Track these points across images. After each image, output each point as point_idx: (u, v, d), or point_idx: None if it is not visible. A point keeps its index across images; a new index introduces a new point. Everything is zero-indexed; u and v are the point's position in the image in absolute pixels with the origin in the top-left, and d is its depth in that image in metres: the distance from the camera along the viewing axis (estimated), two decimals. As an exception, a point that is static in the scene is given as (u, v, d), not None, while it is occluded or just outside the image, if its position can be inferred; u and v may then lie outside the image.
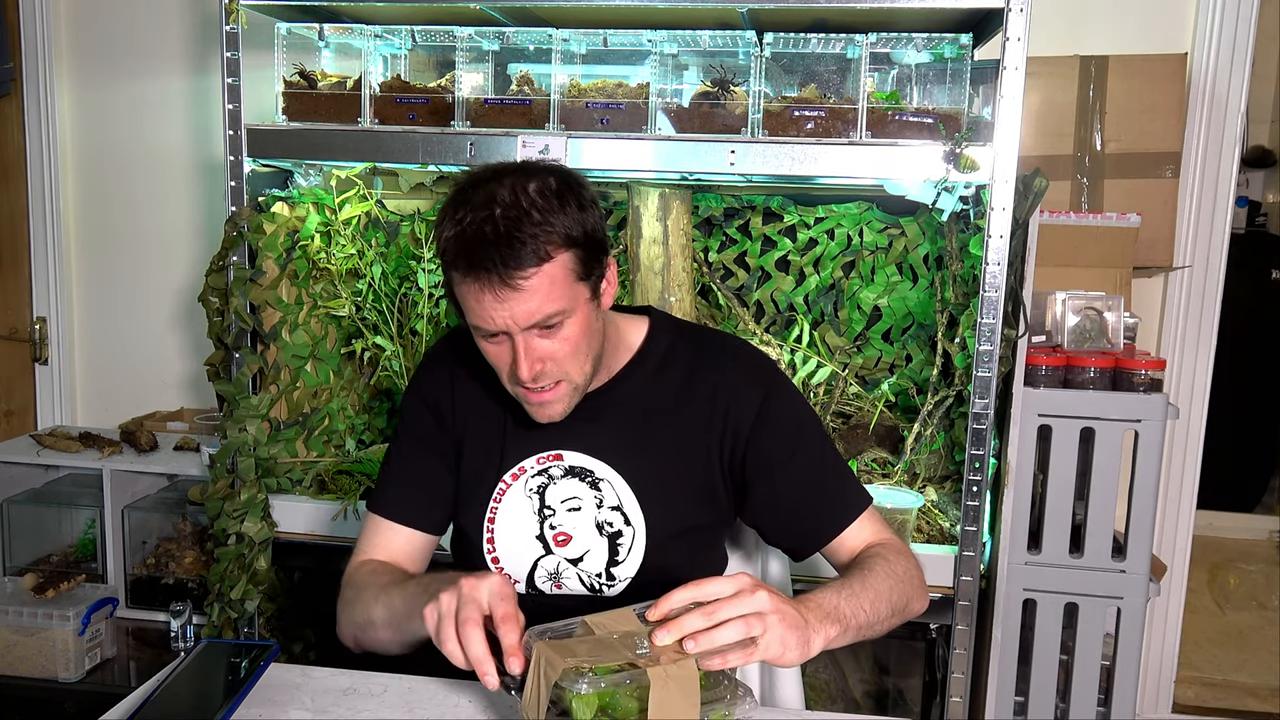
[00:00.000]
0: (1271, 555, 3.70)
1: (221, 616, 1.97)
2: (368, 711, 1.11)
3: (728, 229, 2.26)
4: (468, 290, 1.12)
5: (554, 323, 1.14)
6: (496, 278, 1.09)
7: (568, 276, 1.13)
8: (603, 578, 1.26)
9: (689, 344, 1.31)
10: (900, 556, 1.21)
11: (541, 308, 1.12)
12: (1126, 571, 1.84)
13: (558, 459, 1.27)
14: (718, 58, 1.83)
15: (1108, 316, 1.91)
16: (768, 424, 1.25)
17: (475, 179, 1.14)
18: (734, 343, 1.35)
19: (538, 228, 1.10)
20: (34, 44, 2.60)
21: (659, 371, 1.29)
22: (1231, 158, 2.26)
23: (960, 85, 1.76)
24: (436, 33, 1.92)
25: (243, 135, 1.89)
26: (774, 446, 1.25)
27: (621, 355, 1.29)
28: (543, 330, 1.14)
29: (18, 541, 2.41)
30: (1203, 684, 2.73)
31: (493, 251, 1.09)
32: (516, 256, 1.09)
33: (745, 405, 1.26)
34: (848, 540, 1.25)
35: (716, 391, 1.27)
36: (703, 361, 1.29)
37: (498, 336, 1.15)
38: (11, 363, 2.73)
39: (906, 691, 2.32)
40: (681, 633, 0.92)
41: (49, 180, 2.65)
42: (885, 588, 1.15)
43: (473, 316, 1.14)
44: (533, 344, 1.14)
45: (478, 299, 1.12)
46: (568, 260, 1.13)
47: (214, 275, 1.93)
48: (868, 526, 1.26)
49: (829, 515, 1.26)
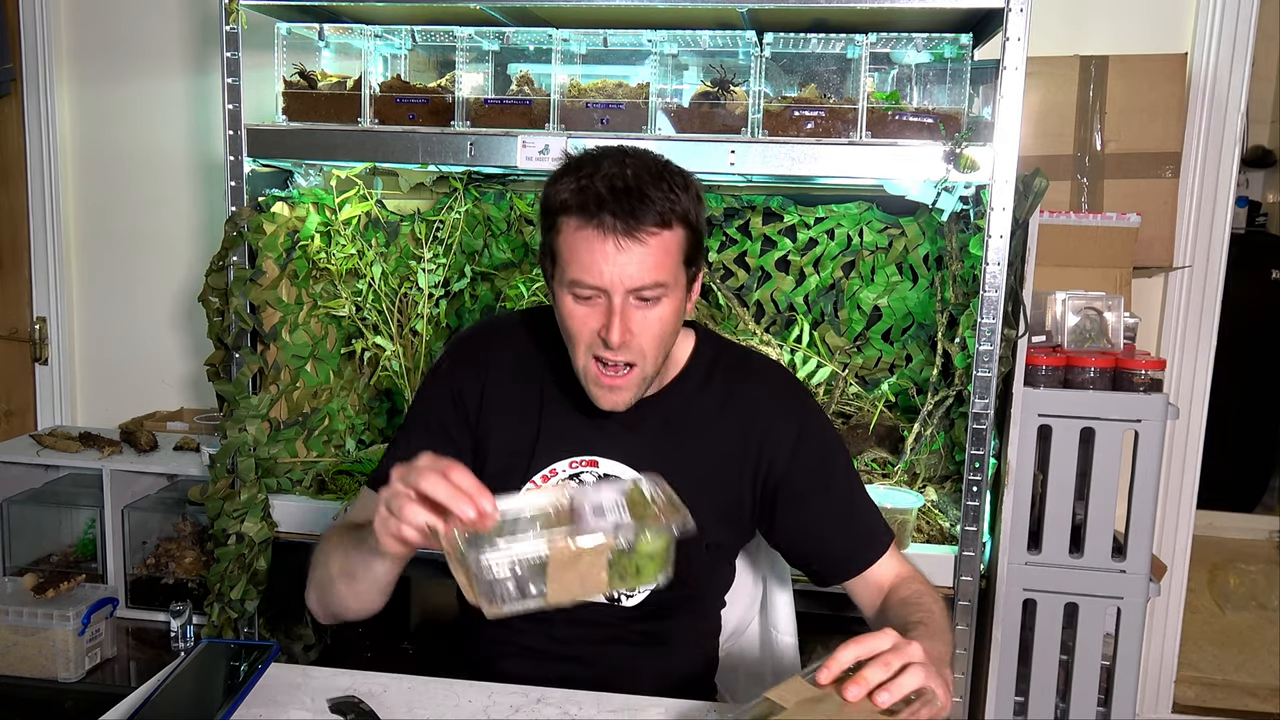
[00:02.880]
0: (1271, 555, 3.70)
1: (221, 616, 1.97)
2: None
3: (728, 229, 2.26)
4: (582, 239, 1.11)
5: (653, 295, 1.13)
6: (621, 226, 1.09)
7: (679, 253, 1.15)
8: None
9: (729, 362, 1.31)
10: (935, 601, 1.21)
11: (651, 273, 1.12)
12: (1126, 571, 1.84)
13: (592, 464, 1.26)
14: (718, 58, 1.83)
15: (1108, 316, 1.91)
16: (802, 454, 1.26)
17: (600, 149, 1.17)
18: (770, 365, 1.36)
19: (666, 195, 1.12)
20: (34, 44, 2.60)
21: (700, 388, 1.28)
22: (1231, 158, 2.26)
23: (960, 85, 1.76)
24: (436, 33, 1.92)
25: (243, 135, 1.89)
26: (807, 477, 1.26)
27: (672, 369, 1.28)
28: (640, 300, 1.13)
29: (18, 541, 2.41)
30: (1203, 684, 2.73)
31: (622, 201, 1.10)
32: (645, 211, 1.10)
33: (781, 432, 1.26)
34: (875, 574, 1.26)
35: (753, 414, 1.27)
36: (741, 382, 1.29)
37: (593, 297, 1.13)
38: (11, 363, 2.73)
39: (906, 691, 2.32)
40: (869, 686, 0.91)
41: (49, 180, 2.65)
42: (944, 626, 1.16)
43: (578, 268, 1.12)
44: (630, 309, 1.13)
45: (591, 248, 1.11)
46: (683, 237, 1.15)
47: (214, 275, 1.93)
48: (893, 560, 1.27)
49: (859, 547, 1.27)
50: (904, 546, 1.82)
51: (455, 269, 2.22)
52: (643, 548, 0.95)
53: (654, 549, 0.96)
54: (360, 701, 1.11)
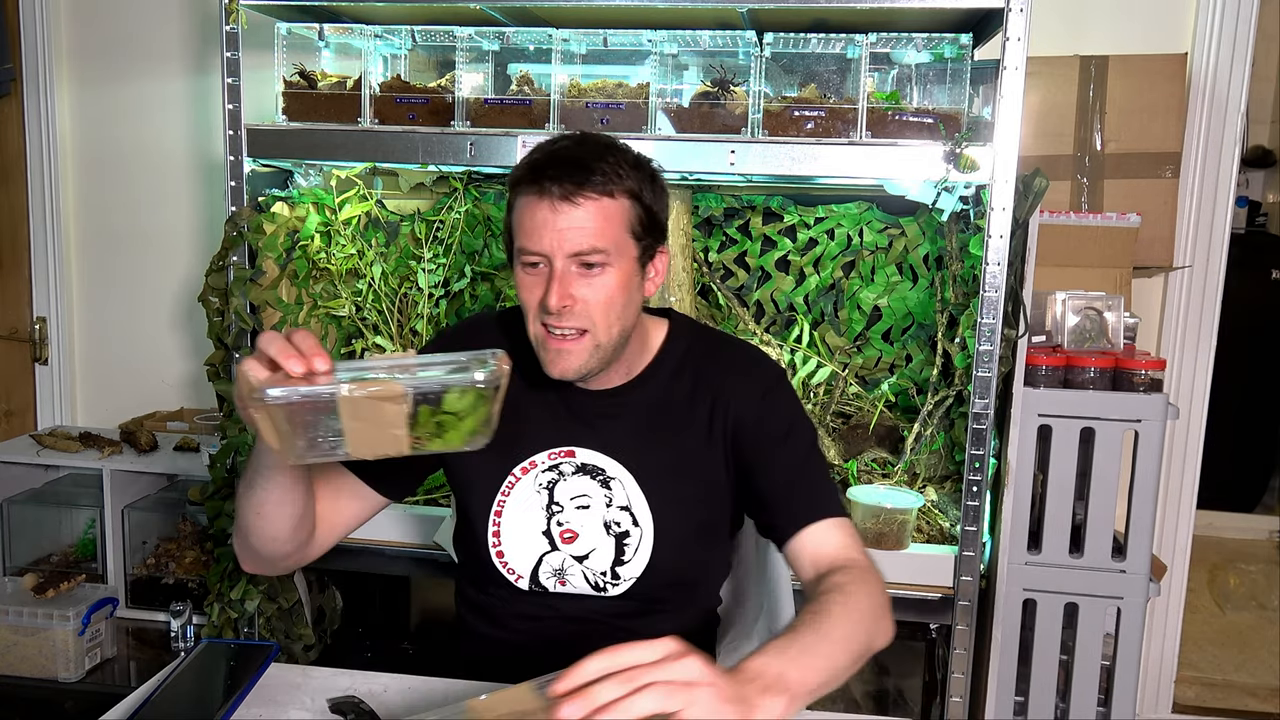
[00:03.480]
0: (1271, 555, 3.69)
1: (221, 616, 1.97)
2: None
3: (728, 229, 2.26)
4: (525, 205, 1.15)
5: (595, 261, 1.15)
6: (558, 190, 1.12)
7: (623, 222, 1.16)
8: (607, 576, 1.26)
9: (703, 347, 1.32)
10: (862, 585, 1.08)
11: (590, 239, 1.13)
12: (1126, 571, 1.84)
13: (570, 455, 1.27)
14: (718, 58, 1.83)
15: (1108, 316, 1.91)
16: (765, 414, 1.26)
17: (564, 134, 1.21)
18: (745, 346, 1.36)
19: (611, 166, 1.15)
20: (34, 44, 2.60)
21: (675, 374, 1.29)
22: (1231, 158, 2.26)
23: (960, 85, 1.76)
24: (436, 33, 1.92)
25: (243, 135, 1.89)
26: (768, 432, 1.25)
27: (644, 357, 1.29)
28: (582, 268, 1.15)
29: (18, 541, 2.41)
30: (1203, 684, 2.73)
31: (563, 166, 1.13)
32: (584, 175, 1.13)
33: (747, 397, 1.26)
34: (814, 539, 1.19)
35: (720, 386, 1.27)
36: (712, 363, 1.30)
37: (538, 265, 1.16)
38: (11, 363, 2.73)
39: (906, 691, 2.32)
40: (593, 705, 0.74)
41: (49, 180, 2.65)
42: (840, 635, 1.00)
43: (521, 235, 1.16)
44: (569, 275, 1.15)
45: (532, 212, 1.14)
46: (628, 207, 1.17)
47: (214, 275, 1.93)
48: (837, 534, 1.19)
49: (807, 502, 1.21)
50: (904, 546, 1.82)
51: (455, 269, 2.22)
52: (450, 404, 0.89)
53: (460, 407, 0.90)
54: (360, 701, 1.11)
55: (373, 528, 1.94)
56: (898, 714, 2.25)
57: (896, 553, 1.81)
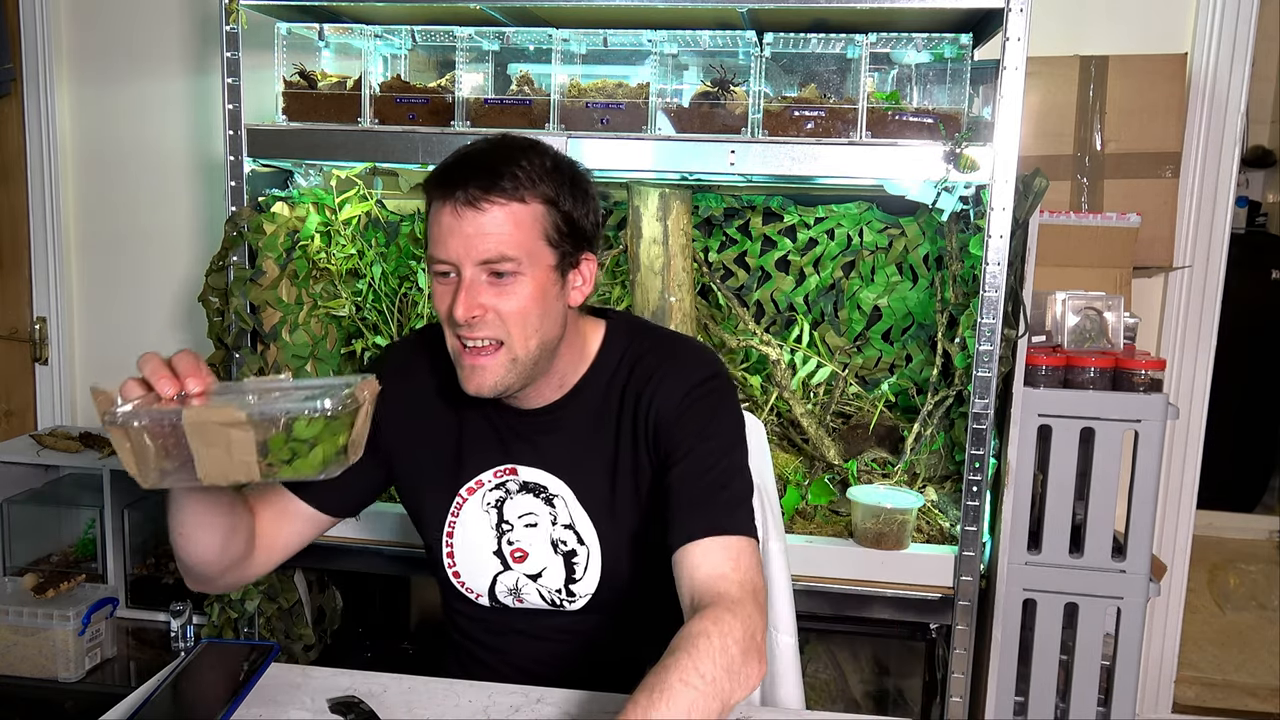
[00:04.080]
0: (1271, 555, 3.70)
1: (221, 616, 1.97)
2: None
3: (728, 229, 2.26)
4: (434, 211, 1.11)
5: (505, 270, 1.10)
6: (463, 195, 1.08)
7: (535, 229, 1.11)
8: (562, 594, 1.24)
9: (639, 346, 1.24)
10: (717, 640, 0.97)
11: (497, 246, 1.09)
12: (1126, 571, 1.84)
13: (512, 473, 1.23)
14: (718, 58, 1.83)
15: (1108, 316, 1.91)
16: (685, 413, 1.17)
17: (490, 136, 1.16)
18: (686, 343, 1.28)
19: (521, 170, 1.10)
20: (34, 44, 2.60)
21: (610, 381, 1.23)
22: (1231, 158, 2.26)
23: (960, 85, 1.76)
24: (436, 33, 1.92)
25: (243, 135, 1.89)
26: (684, 432, 1.16)
27: (580, 366, 1.23)
28: (492, 277, 1.10)
29: (18, 541, 2.41)
30: (1203, 684, 2.73)
31: (470, 170, 1.09)
32: (490, 179, 1.08)
33: (669, 395, 1.18)
34: (695, 557, 1.09)
35: (646, 385, 1.19)
36: (645, 362, 1.22)
37: (448, 275, 1.11)
38: (11, 363, 2.73)
39: (906, 691, 2.32)
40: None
41: (49, 180, 2.65)
42: (684, 705, 0.91)
43: (430, 244, 1.12)
44: (478, 285, 1.10)
45: (440, 221, 1.10)
46: (540, 213, 1.11)
47: (214, 275, 1.93)
48: (718, 555, 1.08)
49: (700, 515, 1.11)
50: (904, 546, 1.82)
51: (455, 269, 2.22)
52: (300, 431, 0.88)
53: (310, 434, 0.89)
54: (360, 701, 1.11)
55: (373, 528, 1.96)
56: (898, 714, 2.25)
57: (896, 553, 1.81)
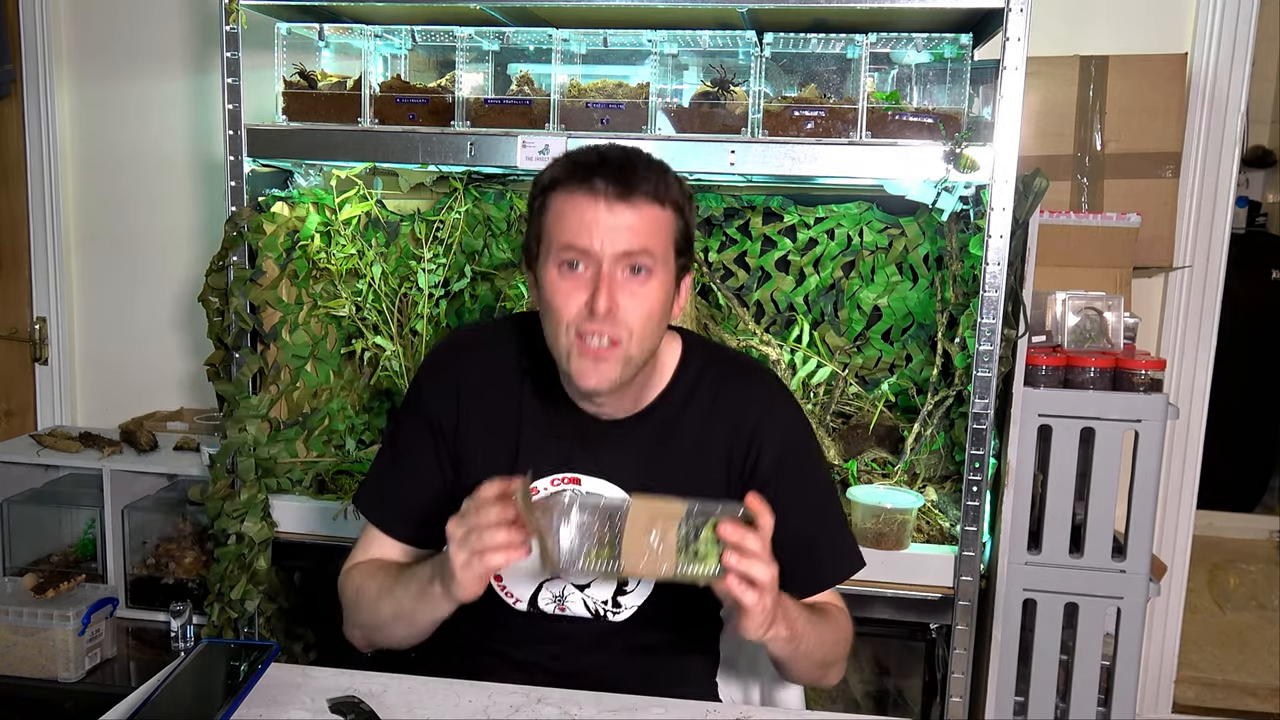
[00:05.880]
0: (1271, 555, 3.70)
1: (221, 616, 1.97)
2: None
3: (728, 229, 2.26)
4: (572, 204, 1.10)
5: (643, 265, 1.11)
6: (614, 190, 1.09)
7: (669, 234, 1.14)
8: (608, 605, 1.24)
9: (721, 366, 1.28)
10: (846, 629, 1.26)
11: (643, 239, 1.10)
12: (1126, 571, 1.84)
13: (574, 482, 1.24)
14: (718, 58, 1.83)
15: (1108, 316, 1.91)
16: (787, 467, 1.24)
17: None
18: (760, 374, 1.32)
19: (658, 175, 1.12)
20: (34, 44, 2.60)
21: (687, 401, 1.25)
22: (1231, 158, 2.26)
23: (960, 85, 1.76)
24: (436, 33, 1.92)
25: (243, 135, 1.89)
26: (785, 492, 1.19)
27: (658, 379, 1.24)
28: (629, 273, 1.11)
29: (18, 541, 2.41)
30: (1203, 684, 2.73)
31: (615, 168, 1.10)
32: (638, 180, 1.10)
33: (772, 433, 1.24)
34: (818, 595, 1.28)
35: (746, 409, 1.24)
36: (734, 379, 1.26)
37: (580, 268, 1.11)
38: (11, 363, 2.73)
39: (906, 691, 2.32)
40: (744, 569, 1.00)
41: (49, 180, 2.65)
42: (830, 640, 1.21)
43: (569, 233, 1.10)
44: (617, 278, 1.10)
45: (582, 212, 1.10)
46: (672, 220, 1.14)
47: (214, 275, 1.93)
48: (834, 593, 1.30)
49: (829, 563, 1.28)
50: (904, 546, 1.82)
51: (455, 269, 2.22)
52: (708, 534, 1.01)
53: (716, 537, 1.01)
54: (360, 701, 1.11)
55: (373, 528, 1.95)
56: (898, 714, 2.25)
57: (896, 553, 1.81)
